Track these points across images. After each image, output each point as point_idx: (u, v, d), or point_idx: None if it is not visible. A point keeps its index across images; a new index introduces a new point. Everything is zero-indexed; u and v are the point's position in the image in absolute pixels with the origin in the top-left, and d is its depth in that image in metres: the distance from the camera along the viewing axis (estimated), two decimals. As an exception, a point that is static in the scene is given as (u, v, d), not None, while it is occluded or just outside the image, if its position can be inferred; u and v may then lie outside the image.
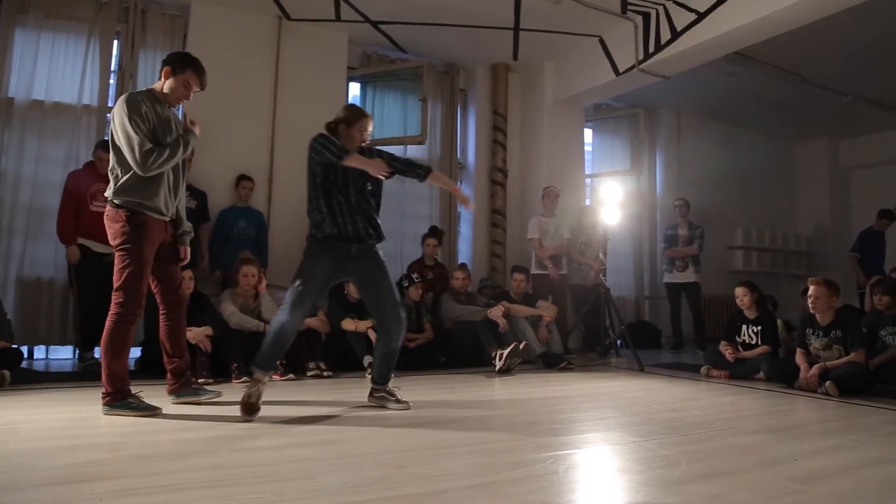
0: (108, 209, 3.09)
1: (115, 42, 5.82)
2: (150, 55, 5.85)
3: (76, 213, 4.79)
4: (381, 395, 3.48)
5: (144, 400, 3.08)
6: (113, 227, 3.07)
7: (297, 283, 3.22)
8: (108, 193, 3.08)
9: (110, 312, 3.03)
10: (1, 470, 2.07)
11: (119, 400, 3.02)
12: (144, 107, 3.05)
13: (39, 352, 5.48)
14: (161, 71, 3.22)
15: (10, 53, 5.36)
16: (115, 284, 3.03)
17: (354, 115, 3.44)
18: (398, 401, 3.44)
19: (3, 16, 5.34)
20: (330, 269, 3.31)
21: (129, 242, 3.04)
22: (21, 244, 5.27)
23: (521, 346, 5.11)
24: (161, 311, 3.36)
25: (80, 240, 4.79)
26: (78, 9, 5.60)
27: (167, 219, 3.24)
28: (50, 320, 5.32)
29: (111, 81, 5.78)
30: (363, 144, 3.45)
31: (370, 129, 3.49)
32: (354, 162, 3.20)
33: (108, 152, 3.13)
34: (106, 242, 4.73)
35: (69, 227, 4.77)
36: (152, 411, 3.02)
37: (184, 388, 3.42)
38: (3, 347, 4.08)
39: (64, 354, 5.46)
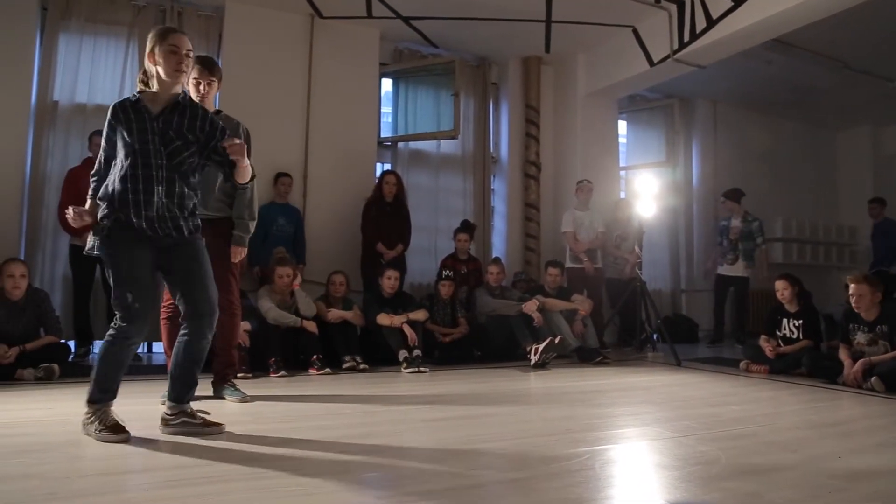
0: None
1: (154, 44, 5.92)
2: (186, 56, 5.95)
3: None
4: (178, 422, 2.59)
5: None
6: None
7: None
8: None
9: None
10: (49, 460, 2.15)
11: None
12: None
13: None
14: None
15: (54, 59, 5.51)
16: None
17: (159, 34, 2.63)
18: (206, 424, 2.61)
19: (48, 22, 5.49)
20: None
21: None
22: (66, 243, 5.42)
23: (557, 341, 5.09)
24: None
25: (71, 239, 5.06)
26: (117, 13, 5.74)
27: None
28: (96, 316, 5.46)
29: (150, 82, 5.90)
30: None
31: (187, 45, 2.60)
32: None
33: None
34: None
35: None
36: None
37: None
38: (52, 342, 4.22)
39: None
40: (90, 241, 2.53)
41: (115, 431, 2.42)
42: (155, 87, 2.58)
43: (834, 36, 6.54)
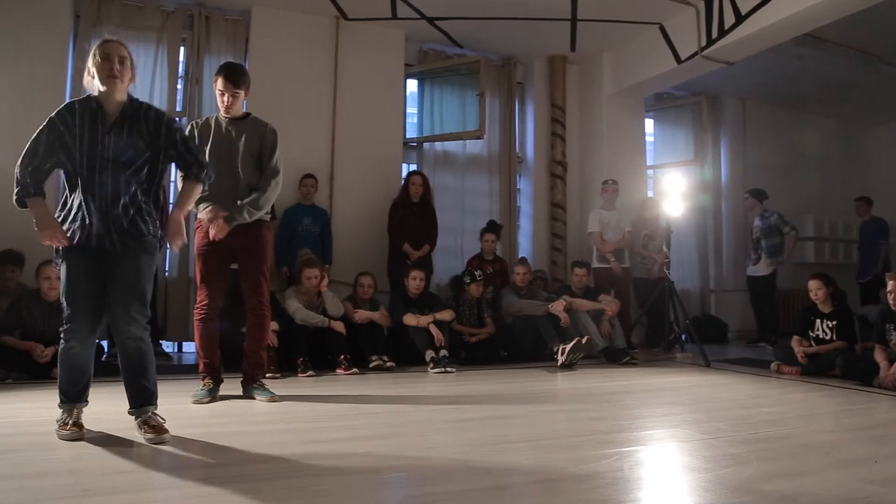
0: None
1: (182, 48, 6.04)
2: (214, 60, 6.03)
3: None
4: (142, 430, 2.53)
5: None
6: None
7: None
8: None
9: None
10: (85, 456, 2.19)
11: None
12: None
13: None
14: None
15: (86, 64, 5.60)
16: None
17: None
18: (159, 430, 2.49)
19: (81, 29, 5.60)
20: None
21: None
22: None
23: (584, 341, 5.05)
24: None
25: None
26: (146, 19, 5.83)
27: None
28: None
29: (178, 86, 6.00)
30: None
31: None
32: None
33: None
34: None
35: None
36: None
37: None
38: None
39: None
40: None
41: (70, 430, 2.47)
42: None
43: (867, 29, 6.40)
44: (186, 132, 3.34)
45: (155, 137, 2.65)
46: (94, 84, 2.63)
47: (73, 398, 2.59)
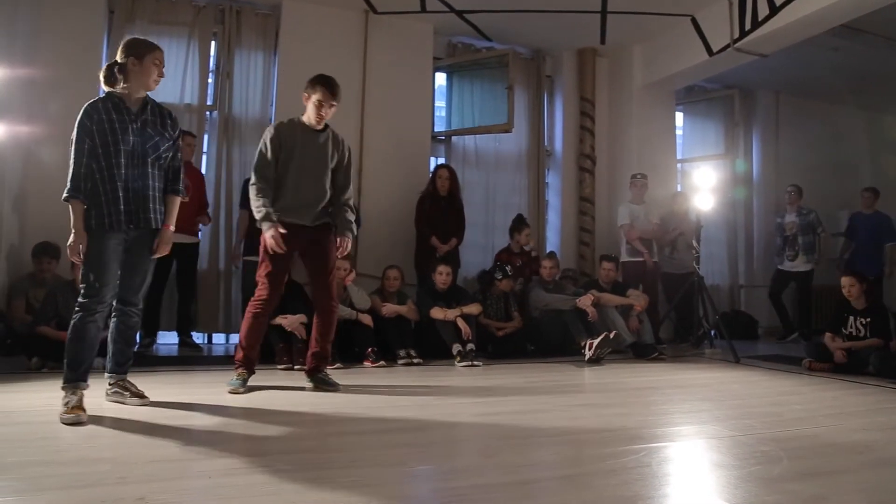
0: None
1: (213, 43, 6.11)
2: (244, 54, 6.11)
3: None
4: (114, 391, 3.00)
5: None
6: None
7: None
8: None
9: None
10: (119, 444, 2.25)
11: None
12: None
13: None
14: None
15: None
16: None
17: (146, 46, 2.98)
18: (133, 394, 2.97)
19: (114, 25, 5.71)
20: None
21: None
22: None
23: (612, 336, 5.02)
24: None
25: None
26: (178, 14, 5.92)
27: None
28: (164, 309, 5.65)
29: (210, 80, 6.08)
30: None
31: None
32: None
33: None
34: (182, 232, 5.19)
35: None
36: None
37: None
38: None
39: (172, 339, 5.80)
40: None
41: (76, 413, 2.57)
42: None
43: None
44: (268, 133, 3.51)
45: (172, 133, 3.01)
46: (120, 79, 2.87)
47: (80, 377, 2.74)
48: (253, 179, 3.47)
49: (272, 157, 3.48)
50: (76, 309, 2.76)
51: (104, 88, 2.89)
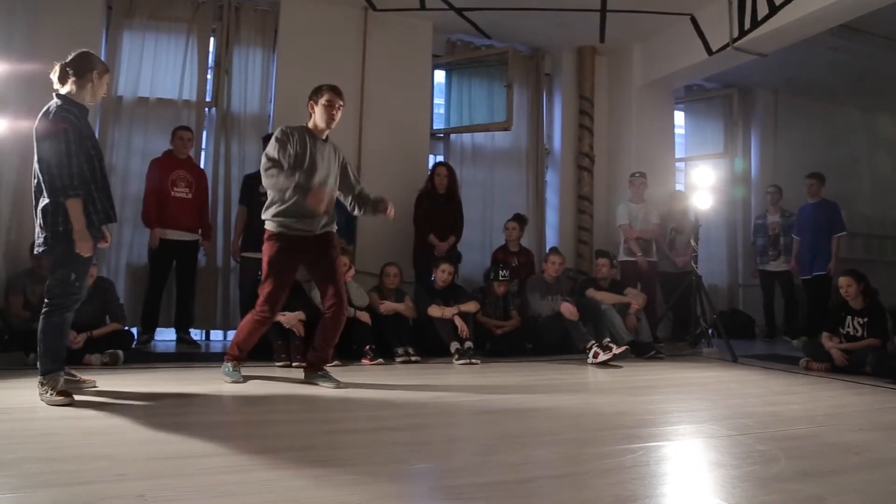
0: None
1: (212, 39, 6.10)
2: (243, 50, 6.10)
3: (158, 200, 5.23)
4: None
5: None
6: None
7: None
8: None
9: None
10: (118, 441, 2.25)
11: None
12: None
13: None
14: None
15: (118, 54, 5.71)
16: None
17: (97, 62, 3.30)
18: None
19: (113, 20, 5.70)
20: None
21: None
22: (130, 233, 5.62)
23: (621, 351, 4.94)
24: None
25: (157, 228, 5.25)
26: (177, 9, 5.91)
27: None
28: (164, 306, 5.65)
29: (208, 76, 6.07)
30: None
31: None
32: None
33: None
34: (183, 229, 5.11)
35: (151, 213, 5.23)
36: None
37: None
38: (117, 329, 4.40)
39: (169, 336, 5.80)
40: None
41: (64, 396, 2.75)
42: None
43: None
44: (277, 134, 3.52)
45: None
46: (89, 90, 3.28)
47: (59, 367, 2.89)
48: (266, 163, 3.43)
49: (289, 146, 3.48)
50: (56, 304, 2.88)
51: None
